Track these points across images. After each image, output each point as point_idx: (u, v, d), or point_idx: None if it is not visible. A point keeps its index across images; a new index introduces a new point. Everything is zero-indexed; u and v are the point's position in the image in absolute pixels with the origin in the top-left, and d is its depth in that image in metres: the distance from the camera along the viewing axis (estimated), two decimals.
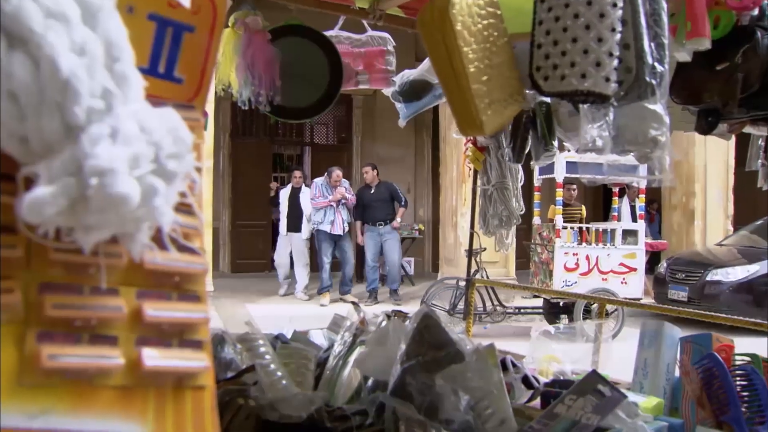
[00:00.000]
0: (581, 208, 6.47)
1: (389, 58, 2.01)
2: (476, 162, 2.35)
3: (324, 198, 6.72)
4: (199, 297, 0.58)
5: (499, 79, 1.13)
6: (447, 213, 7.66)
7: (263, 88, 1.70)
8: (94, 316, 0.53)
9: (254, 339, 1.43)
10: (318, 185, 6.86)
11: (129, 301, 0.55)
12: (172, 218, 0.51)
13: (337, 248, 6.83)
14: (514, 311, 5.75)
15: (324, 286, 6.81)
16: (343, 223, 6.80)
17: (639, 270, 5.59)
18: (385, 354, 1.17)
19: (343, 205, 6.80)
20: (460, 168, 6.84)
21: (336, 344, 1.39)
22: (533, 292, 6.23)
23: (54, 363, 0.52)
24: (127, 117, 0.47)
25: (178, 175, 0.49)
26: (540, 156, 1.91)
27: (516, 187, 2.37)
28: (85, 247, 0.49)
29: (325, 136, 10.10)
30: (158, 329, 0.55)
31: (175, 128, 0.49)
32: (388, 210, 6.81)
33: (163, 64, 0.60)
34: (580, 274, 5.54)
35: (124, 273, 0.55)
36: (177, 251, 0.55)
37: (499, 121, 1.16)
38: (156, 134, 0.48)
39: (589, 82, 1.04)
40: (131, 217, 0.48)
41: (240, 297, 6.54)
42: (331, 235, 6.73)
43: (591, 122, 1.29)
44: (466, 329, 2.68)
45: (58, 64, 0.46)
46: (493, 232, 2.46)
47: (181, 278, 0.57)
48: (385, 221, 6.78)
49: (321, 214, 6.71)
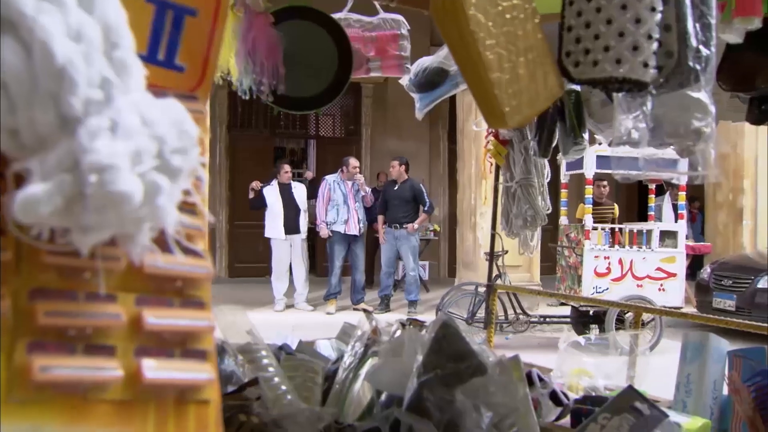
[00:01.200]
0: (613, 207, 6.42)
1: (403, 43, 2.01)
2: (498, 156, 2.34)
3: (341, 195, 6.62)
4: (203, 303, 0.58)
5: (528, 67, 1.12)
6: (465, 213, 7.64)
7: (265, 76, 1.71)
8: (89, 325, 0.54)
9: (257, 350, 1.43)
10: (329, 183, 6.80)
11: (127, 307, 0.55)
12: (177, 218, 0.51)
13: (349, 251, 6.78)
14: (538, 320, 5.72)
15: (332, 293, 6.77)
16: (359, 223, 6.72)
17: (679, 275, 5.52)
18: (399, 366, 1.17)
19: (359, 201, 6.73)
20: (479, 163, 6.80)
21: (346, 355, 1.40)
22: (560, 299, 6.19)
23: (46, 376, 0.52)
24: (127, 108, 0.47)
25: (183, 171, 0.50)
26: (568, 150, 1.90)
27: (542, 184, 2.36)
28: (82, 250, 0.50)
29: (331, 128, 10.11)
30: (159, 338, 0.56)
31: (179, 121, 0.49)
32: (408, 212, 6.74)
33: (162, 50, 0.61)
34: (612, 280, 5.49)
35: (122, 278, 0.55)
36: (180, 254, 0.55)
37: (528, 112, 1.15)
38: (159, 127, 0.48)
39: (625, 67, 1.03)
40: (132, 217, 0.48)
41: (239, 304, 6.57)
42: (344, 236, 6.67)
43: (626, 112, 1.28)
44: (487, 340, 2.67)
45: (53, 51, 0.46)
46: (517, 233, 2.45)
47: (183, 283, 0.57)
48: (401, 223, 6.71)
49: (334, 213, 6.68)
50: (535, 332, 5.86)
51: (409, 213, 6.74)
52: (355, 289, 6.81)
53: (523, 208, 2.37)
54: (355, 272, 6.81)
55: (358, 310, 6.70)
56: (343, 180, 6.79)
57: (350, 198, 6.75)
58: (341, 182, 6.76)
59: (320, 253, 8.99)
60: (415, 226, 6.68)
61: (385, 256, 6.88)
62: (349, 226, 6.66)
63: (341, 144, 9.84)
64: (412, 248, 6.74)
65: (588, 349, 1.63)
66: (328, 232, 6.69)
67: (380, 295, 6.92)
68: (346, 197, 6.73)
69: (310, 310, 6.79)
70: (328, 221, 6.68)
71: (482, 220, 7.06)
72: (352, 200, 6.75)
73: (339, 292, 6.80)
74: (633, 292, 5.43)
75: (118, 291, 0.56)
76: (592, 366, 1.55)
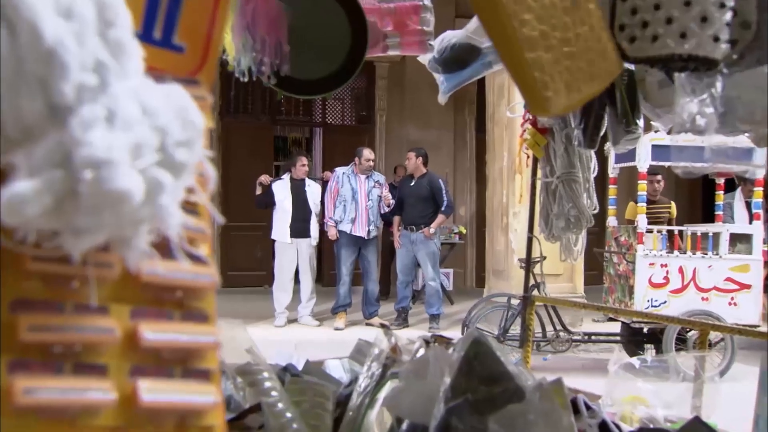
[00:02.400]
0: (670, 206, 6.36)
1: (425, 15, 2.01)
2: (536, 147, 2.34)
3: (350, 189, 6.60)
4: (207, 316, 0.59)
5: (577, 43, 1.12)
6: (496, 212, 7.61)
7: (267, 54, 1.73)
8: (78, 340, 0.55)
9: (258, 371, 1.45)
10: (338, 176, 6.80)
11: (122, 321, 0.56)
12: (181, 220, 0.52)
13: (360, 257, 6.78)
14: (582, 338, 5.68)
15: (340, 305, 6.78)
16: (369, 223, 6.70)
17: (754, 287, 5.41)
18: (424, 390, 1.18)
19: (373, 200, 6.71)
20: (514, 155, 6.76)
21: (361, 377, 1.40)
22: (608, 313, 6.14)
23: (30, 399, 0.53)
24: (125, 95, 0.49)
25: (188, 166, 0.51)
26: (620, 139, 1.89)
27: (587, 179, 2.35)
28: (74, 255, 0.51)
29: (340, 114, 10.15)
30: (157, 356, 0.57)
31: (183, 109, 0.51)
32: (425, 211, 6.70)
33: (159, 27, 0.62)
34: (671, 292, 5.43)
35: (115, 287, 0.57)
36: (182, 260, 0.57)
37: (576, 97, 1.14)
38: (162, 117, 0.49)
39: (691, 43, 1.02)
40: (131, 219, 0.49)
41: (235, 317, 6.63)
42: (352, 238, 6.66)
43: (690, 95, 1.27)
44: (524, 360, 2.67)
45: (41, 30, 0.47)
46: (558, 236, 2.44)
47: (185, 293, 0.58)
48: (417, 225, 6.69)
49: (341, 210, 6.67)
50: (579, 352, 5.82)
51: (427, 213, 6.69)
52: (368, 300, 6.82)
53: (566, 207, 2.36)
54: (367, 281, 6.80)
55: (371, 325, 6.71)
56: (356, 174, 6.77)
57: (361, 194, 6.71)
58: (352, 175, 6.74)
59: (327, 259, 9.03)
60: (431, 230, 6.63)
61: (401, 262, 6.87)
62: (356, 227, 6.64)
63: (352, 133, 9.87)
64: (431, 254, 6.71)
65: (643, 373, 1.62)
66: (336, 232, 6.69)
67: (396, 308, 6.92)
68: (356, 193, 6.69)
69: (316, 326, 6.82)
70: (336, 219, 6.67)
71: (516, 221, 7.03)
72: (363, 197, 6.70)
73: (349, 305, 6.81)
74: (696, 307, 5.36)
75: (111, 302, 0.57)
76: (649, 393, 1.54)
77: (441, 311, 6.83)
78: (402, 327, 6.67)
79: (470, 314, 5.59)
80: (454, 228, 8.92)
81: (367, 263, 6.79)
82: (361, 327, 6.71)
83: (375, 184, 6.80)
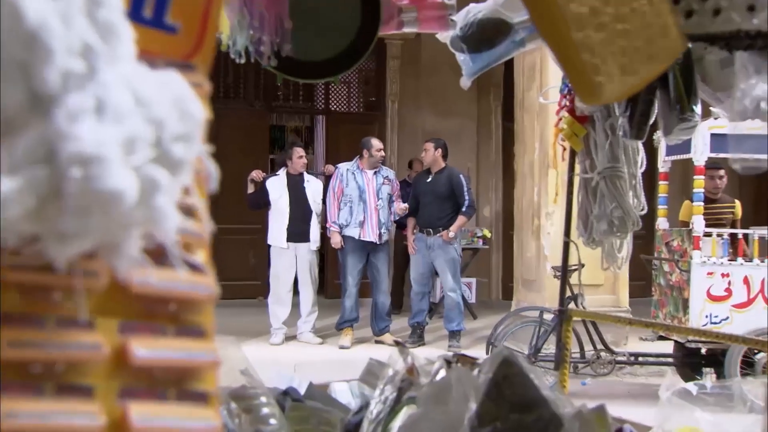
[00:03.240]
0: (734, 205, 6.29)
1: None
2: (574, 139, 2.35)
3: (357, 188, 6.58)
4: (204, 332, 0.61)
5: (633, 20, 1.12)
6: (525, 213, 7.61)
7: (266, 32, 1.74)
8: (61, 359, 0.56)
9: (254, 395, 1.47)
10: (342, 173, 6.77)
11: (109, 337, 0.58)
12: (178, 223, 0.54)
13: (369, 264, 6.79)
14: (628, 359, 5.66)
15: (346, 320, 6.78)
16: (380, 226, 6.67)
17: None
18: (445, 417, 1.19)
19: (383, 199, 6.69)
20: (547, 147, 6.75)
21: (372, 403, 1.42)
22: (658, 330, 6.11)
23: (9, 424, 0.55)
24: (117, 83, 0.50)
25: (186, 163, 0.52)
26: (672, 128, 1.88)
27: (634, 175, 2.35)
28: (59, 262, 0.53)
29: (346, 100, 10.20)
30: (149, 376, 0.58)
31: (181, 99, 0.52)
32: (444, 212, 6.68)
33: (149, 5, 0.64)
34: (735, 306, 5.38)
35: (102, 298, 0.58)
36: (177, 268, 0.58)
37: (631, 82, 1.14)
38: (157, 108, 0.51)
39: (761, 17, 1.02)
40: (123, 222, 0.51)
41: (226, 334, 6.66)
42: (360, 243, 6.67)
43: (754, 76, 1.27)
44: (559, 384, 2.67)
45: (22, 10, 0.49)
46: (599, 241, 2.44)
47: (179, 306, 0.60)
48: (435, 228, 6.68)
49: (346, 212, 6.66)
50: (624, 376, 5.79)
51: (446, 214, 6.67)
52: (378, 315, 6.82)
53: (608, 207, 2.36)
54: (376, 293, 6.81)
55: (382, 342, 6.72)
56: (362, 169, 6.76)
57: (369, 193, 6.68)
58: (358, 171, 6.72)
59: (331, 266, 9.05)
60: (450, 233, 6.61)
61: (416, 271, 6.87)
62: (366, 231, 6.62)
63: (359, 121, 9.91)
64: (450, 261, 6.70)
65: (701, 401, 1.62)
66: (341, 239, 6.69)
67: (411, 324, 6.93)
68: (363, 192, 6.67)
69: (318, 343, 6.85)
70: (340, 223, 6.67)
71: (549, 223, 7.02)
72: (372, 196, 6.68)
73: (356, 319, 6.82)
74: (765, 324, 5.31)
75: (98, 315, 0.58)
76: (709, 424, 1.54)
77: (462, 327, 6.82)
78: (417, 345, 6.67)
79: (496, 330, 5.59)
80: (478, 231, 8.92)
81: (377, 272, 6.80)
82: (370, 345, 6.73)
83: (384, 180, 6.78)
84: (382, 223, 6.67)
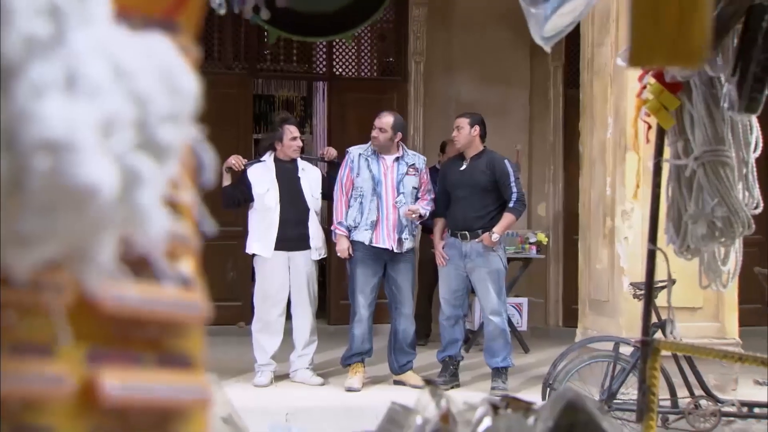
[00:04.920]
0: None
1: None
2: (662, 113, 2.35)
3: (370, 178, 6.57)
4: (191, 361, 0.64)
5: None
6: (594, 211, 7.59)
7: None
8: (14, 395, 0.59)
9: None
10: (352, 159, 6.76)
11: (74, 367, 0.61)
12: (164, 224, 0.57)
13: (386, 279, 6.81)
14: (738, 410, 5.62)
15: (356, 353, 6.79)
16: (399, 229, 6.66)
17: None
18: None
19: (406, 192, 6.62)
20: (624, 123, 6.75)
21: None
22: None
23: None
24: (90, 50, 0.53)
25: (175, 149, 0.55)
26: None
27: (745, 162, 2.35)
28: (17, 272, 0.56)
29: (354, 62, 10.21)
30: (123, 418, 0.61)
31: (169, 69, 0.55)
32: (483, 209, 6.68)
33: None
34: None
35: (67, 319, 0.61)
36: (161, 282, 0.61)
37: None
38: (141, 80, 0.54)
39: None
40: (96, 223, 0.54)
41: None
42: (373, 251, 6.68)
43: None
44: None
45: None
46: (696, 249, 2.45)
47: (162, 329, 0.63)
48: (471, 230, 6.69)
49: (356, 211, 6.66)
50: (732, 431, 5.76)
51: (487, 212, 6.67)
52: (398, 346, 6.83)
53: (709, 204, 2.36)
54: (397, 316, 6.82)
55: (403, 383, 6.73)
56: (378, 155, 6.77)
57: (386, 185, 6.67)
58: (373, 157, 6.72)
59: (336, 282, 9.09)
60: (493, 237, 6.60)
61: (447, 288, 6.87)
62: (379, 235, 6.63)
63: (371, 90, 9.92)
64: (493, 275, 6.70)
65: None
66: (349, 245, 6.71)
67: (441, 358, 6.94)
68: (378, 183, 6.67)
69: (319, 384, 6.87)
70: (348, 225, 6.69)
71: (627, 224, 6.99)
72: (390, 189, 6.66)
73: (368, 353, 6.84)
74: None
75: None
76: None
77: (510, 363, 6.82)
78: (451, 386, 6.67)
79: (556, 368, 5.59)
80: (530, 235, 8.90)
81: (397, 289, 6.81)
82: (387, 387, 6.74)
83: (409, 169, 6.79)
84: (402, 226, 6.67)
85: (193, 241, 0.65)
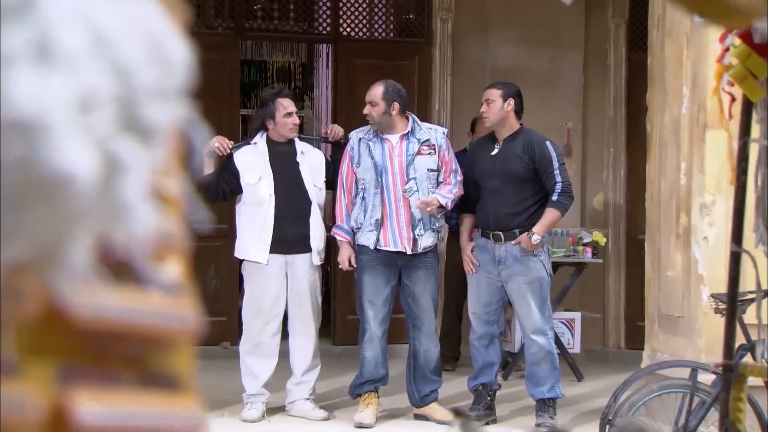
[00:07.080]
0: None
1: None
2: (749, 81, 2.35)
3: (371, 166, 6.59)
4: (179, 382, 0.66)
5: None
6: (665, 205, 7.57)
7: None
8: None
9: None
10: (355, 144, 6.76)
11: (42, 388, 0.63)
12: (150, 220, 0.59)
13: (402, 290, 6.83)
14: None
15: (368, 380, 6.81)
16: (413, 225, 6.65)
17: None
18: None
19: (419, 177, 6.56)
20: (703, 95, 6.72)
21: None
22: None
23: None
24: (64, 14, 0.55)
25: (164, 131, 0.58)
26: None
27: None
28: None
29: (366, 20, 10.20)
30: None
31: (157, 36, 0.57)
32: (521, 203, 6.68)
33: None
34: None
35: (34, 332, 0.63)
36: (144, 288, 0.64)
37: None
38: (124, 49, 0.56)
39: None
40: (69, 218, 0.56)
41: None
42: (381, 256, 6.73)
43: None
44: None
45: None
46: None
47: (144, 344, 0.65)
48: (506, 229, 6.68)
49: (358, 209, 6.62)
50: None
51: (525, 207, 6.66)
52: (419, 372, 6.85)
53: None
54: (416, 335, 6.85)
55: (425, 418, 6.75)
56: (381, 136, 6.74)
57: (392, 171, 6.59)
58: (375, 140, 6.65)
59: (343, 293, 9.13)
60: (534, 238, 6.54)
61: (477, 301, 6.88)
62: (387, 235, 6.64)
63: (388, 54, 9.93)
64: (534, 284, 6.70)
65: None
66: (351, 251, 6.70)
67: (473, 387, 6.95)
68: (383, 170, 6.61)
69: (322, 419, 6.90)
70: (350, 227, 6.68)
71: (707, 221, 6.97)
72: (399, 175, 6.55)
73: (383, 380, 6.87)
74: None
75: (26, 357, 0.63)
76: None
77: (559, 393, 6.82)
78: (486, 421, 6.69)
79: (617, 400, 5.60)
80: (584, 235, 8.89)
81: (415, 303, 6.82)
82: (407, 422, 6.78)
83: (422, 147, 6.73)
84: (416, 221, 6.64)
85: (182, 240, 0.67)
